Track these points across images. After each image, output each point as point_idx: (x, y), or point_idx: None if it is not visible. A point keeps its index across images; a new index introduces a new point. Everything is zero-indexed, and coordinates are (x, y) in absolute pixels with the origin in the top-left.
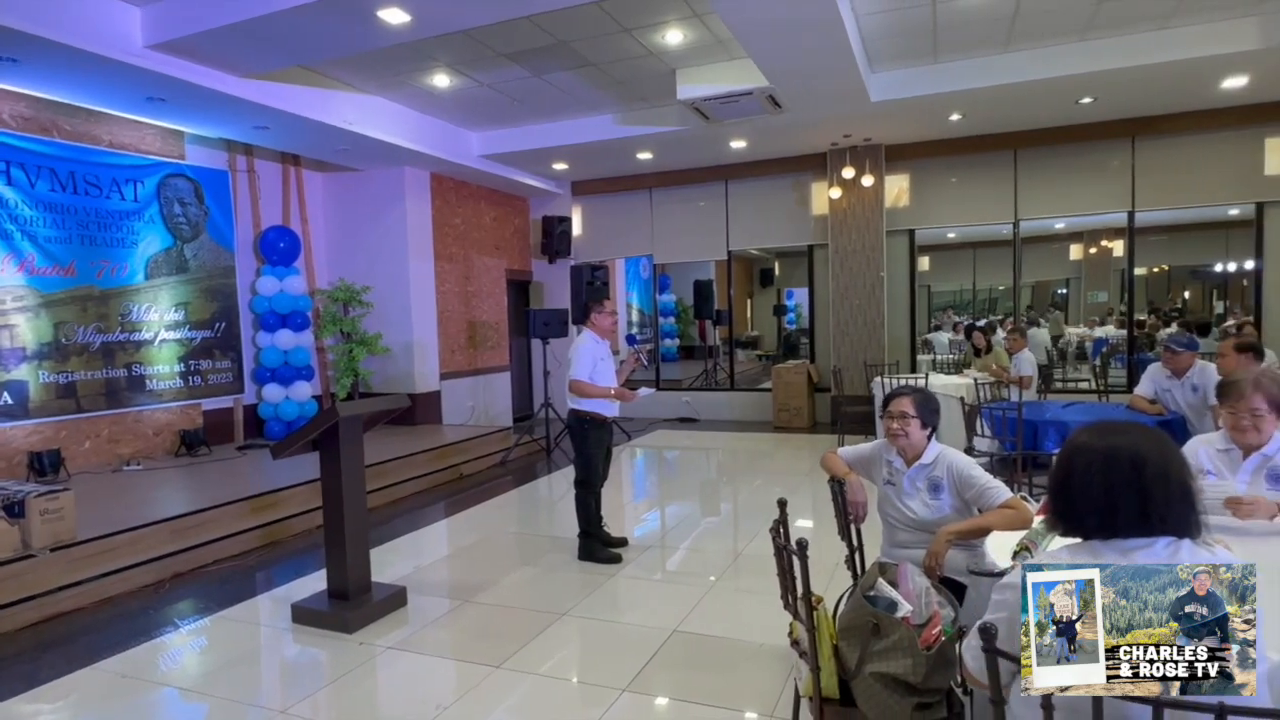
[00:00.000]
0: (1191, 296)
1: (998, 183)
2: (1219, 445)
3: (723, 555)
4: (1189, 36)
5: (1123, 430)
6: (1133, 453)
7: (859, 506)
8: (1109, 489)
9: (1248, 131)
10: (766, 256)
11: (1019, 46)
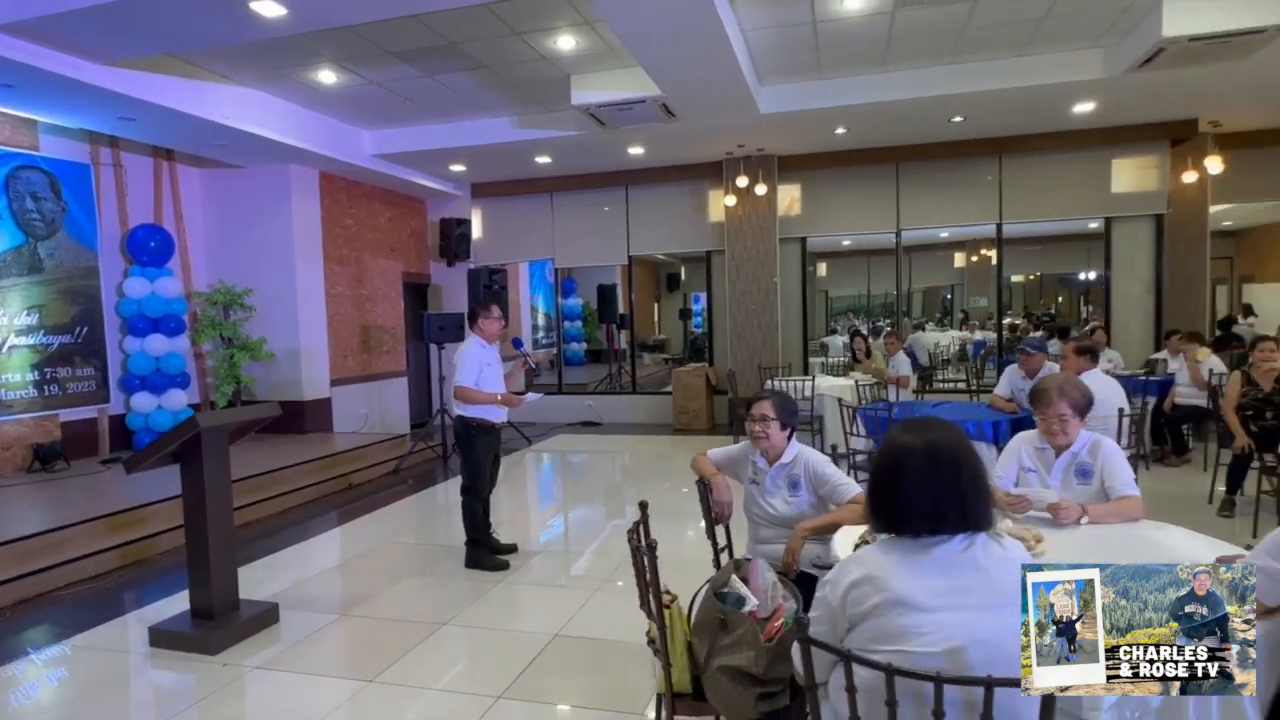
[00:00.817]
0: (1064, 302)
1: (881, 194)
2: (1036, 444)
3: (612, 559)
4: (1044, 64)
5: (933, 427)
6: (951, 452)
7: (724, 506)
8: (935, 489)
9: (1097, 153)
10: (673, 261)
11: (895, 67)
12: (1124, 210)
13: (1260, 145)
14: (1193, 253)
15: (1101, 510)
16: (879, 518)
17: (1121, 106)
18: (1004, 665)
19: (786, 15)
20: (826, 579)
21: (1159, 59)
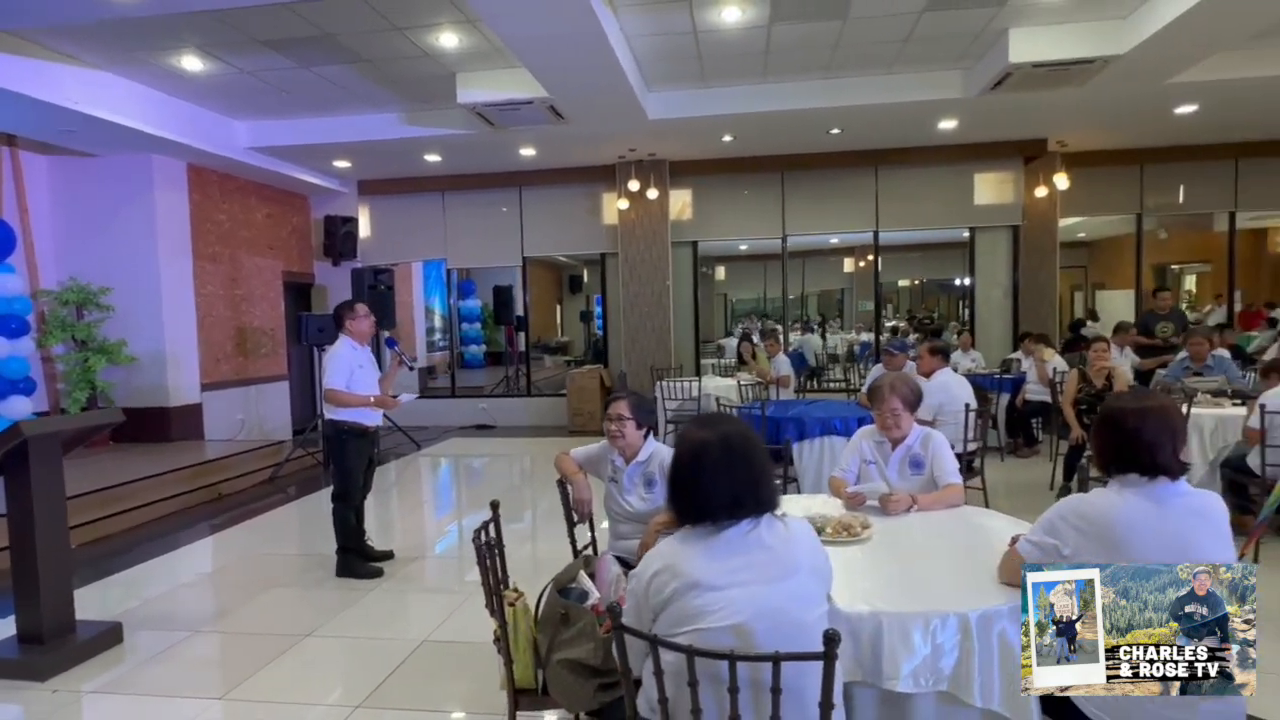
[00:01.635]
0: (944, 305)
1: (768, 201)
2: (875, 438)
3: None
4: (910, 82)
5: (723, 421)
6: (743, 443)
7: (583, 504)
8: (733, 478)
9: (961, 167)
10: (574, 263)
11: (776, 79)
12: (985, 221)
13: (1100, 164)
14: (1045, 262)
15: (928, 499)
16: (683, 512)
17: (980, 125)
18: (787, 629)
19: (668, 24)
20: (634, 572)
21: (1008, 82)
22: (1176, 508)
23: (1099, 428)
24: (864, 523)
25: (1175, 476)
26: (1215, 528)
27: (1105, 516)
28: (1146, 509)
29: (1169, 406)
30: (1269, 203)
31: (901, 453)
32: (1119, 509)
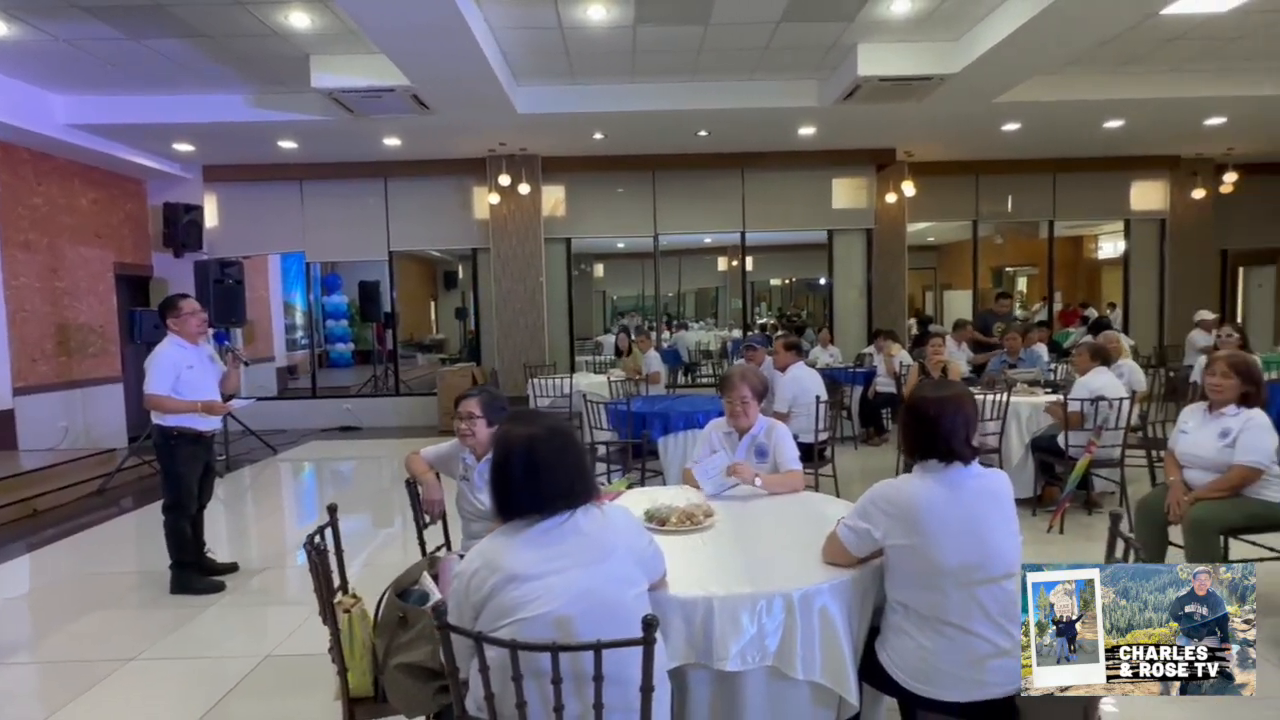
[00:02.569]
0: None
1: (640, 199)
2: (724, 429)
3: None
4: (771, 89)
5: (539, 418)
6: (559, 439)
7: (433, 504)
8: (551, 472)
9: (820, 172)
10: (449, 259)
11: (644, 79)
12: (842, 224)
13: (942, 174)
14: (895, 264)
15: (772, 479)
16: (502, 507)
17: (836, 133)
18: (605, 609)
19: (534, 18)
20: (456, 571)
21: (858, 94)
22: (970, 490)
23: (904, 418)
24: (707, 511)
25: (968, 461)
26: (1002, 505)
27: (908, 501)
28: (943, 493)
29: (963, 397)
30: (1080, 213)
31: (748, 442)
32: (920, 493)
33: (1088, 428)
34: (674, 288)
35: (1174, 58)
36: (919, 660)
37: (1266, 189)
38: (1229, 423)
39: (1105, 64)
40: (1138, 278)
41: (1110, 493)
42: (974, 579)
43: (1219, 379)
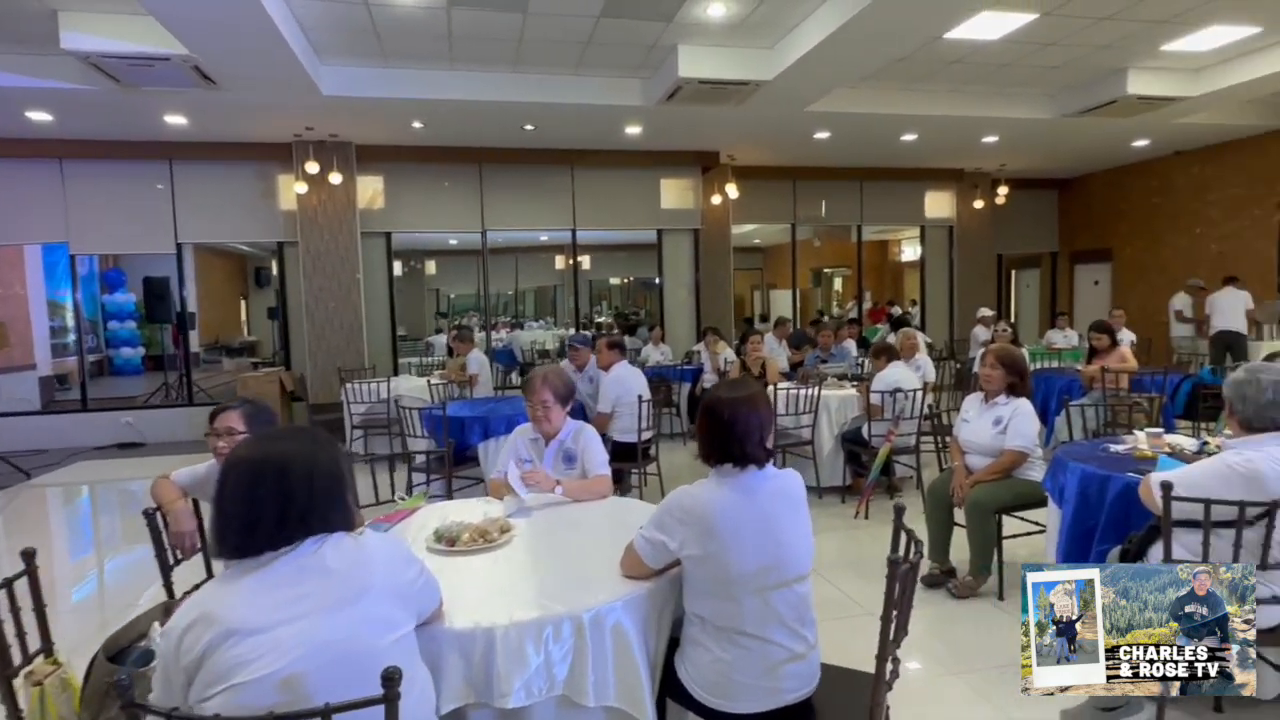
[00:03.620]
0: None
1: (466, 194)
2: (530, 435)
3: (86, 622)
4: (595, 85)
5: (281, 438)
6: (289, 461)
7: (184, 537)
8: (279, 500)
9: (649, 172)
10: (262, 253)
11: (464, 67)
12: (670, 224)
13: (763, 178)
14: (721, 264)
15: (574, 485)
16: (223, 544)
17: (663, 134)
18: (349, 665)
19: None
20: (163, 630)
21: (680, 95)
22: (764, 492)
23: (700, 420)
24: (504, 526)
25: (763, 463)
26: (796, 506)
27: (703, 508)
28: (737, 498)
29: (757, 398)
30: (884, 219)
31: (555, 447)
32: (715, 500)
33: (887, 418)
34: (511, 285)
35: (955, 79)
36: (716, 674)
37: (1033, 201)
38: (1001, 411)
39: (900, 80)
40: (931, 279)
41: (909, 477)
42: (769, 584)
43: (988, 370)
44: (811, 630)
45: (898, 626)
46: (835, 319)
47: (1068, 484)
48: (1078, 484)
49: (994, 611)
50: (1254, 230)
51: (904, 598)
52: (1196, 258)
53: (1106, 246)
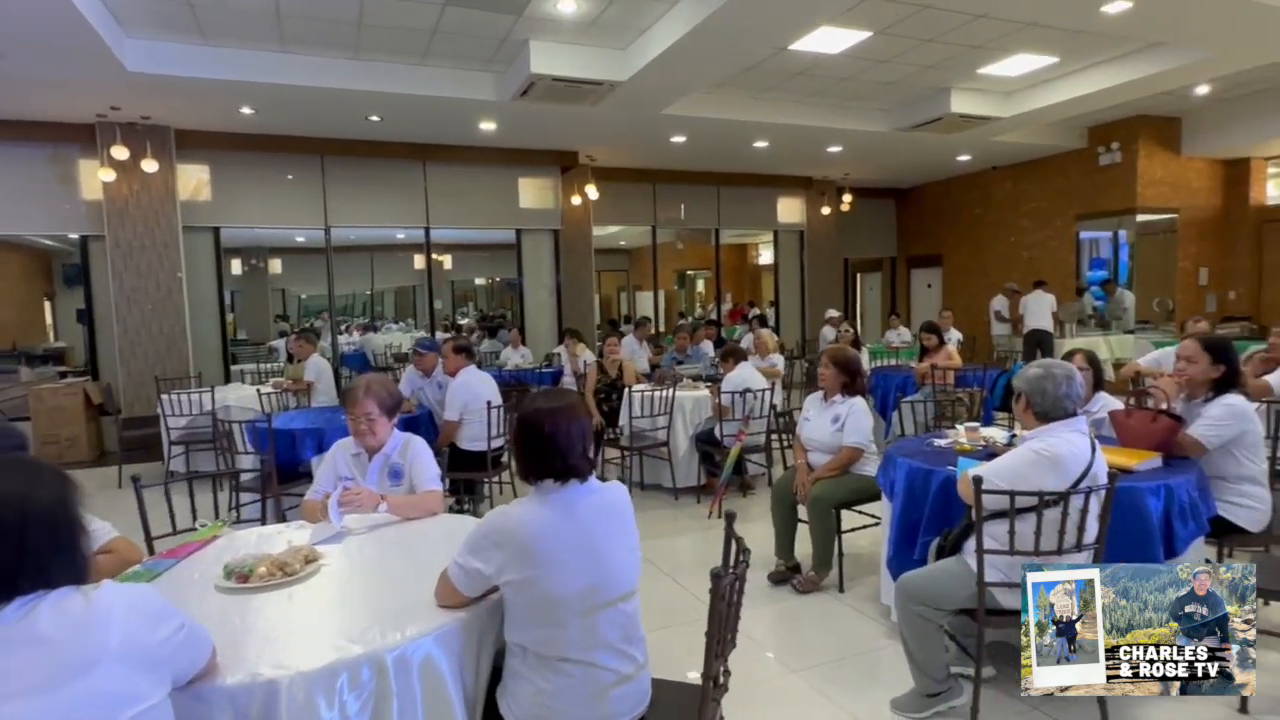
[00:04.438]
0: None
1: (307, 187)
2: (353, 450)
3: None
4: (445, 77)
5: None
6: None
7: None
8: None
9: (507, 170)
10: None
11: (297, 50)
12: (530, 225)
13: (623, 180)
14: (583, 265)
15: (401, 501)
16: None
17: (519, 131)
18: None
19: None
20: None
21: (534, 91)
22: (587, 507)
23: (516, 435)
24: (308, 556)
25: (585, 476)
26: (622, 520)
27: (520, 529)
28: (558, 517)
29: (576, 407)
30: (740, 223)
31: (380, 462)
32: (533, 521)
33: (737, 418)
34: (367, 285)
35: (801, 90)
36: (538, 706)
37: (874, 209)
38: (838, 409)
39: (751, 89)
40: (784, 281)
41: (761, 475)
42: (594, 604)
43: (823, 370)
44: (640, 649)
45: (723, 640)
46: (695, 320)
47: (896, 479)
48: (905, 478)
49: (836, 604)
50: (1057, 239)
51: (730, 610)
52: (1012, 263)
53: (938, 252)
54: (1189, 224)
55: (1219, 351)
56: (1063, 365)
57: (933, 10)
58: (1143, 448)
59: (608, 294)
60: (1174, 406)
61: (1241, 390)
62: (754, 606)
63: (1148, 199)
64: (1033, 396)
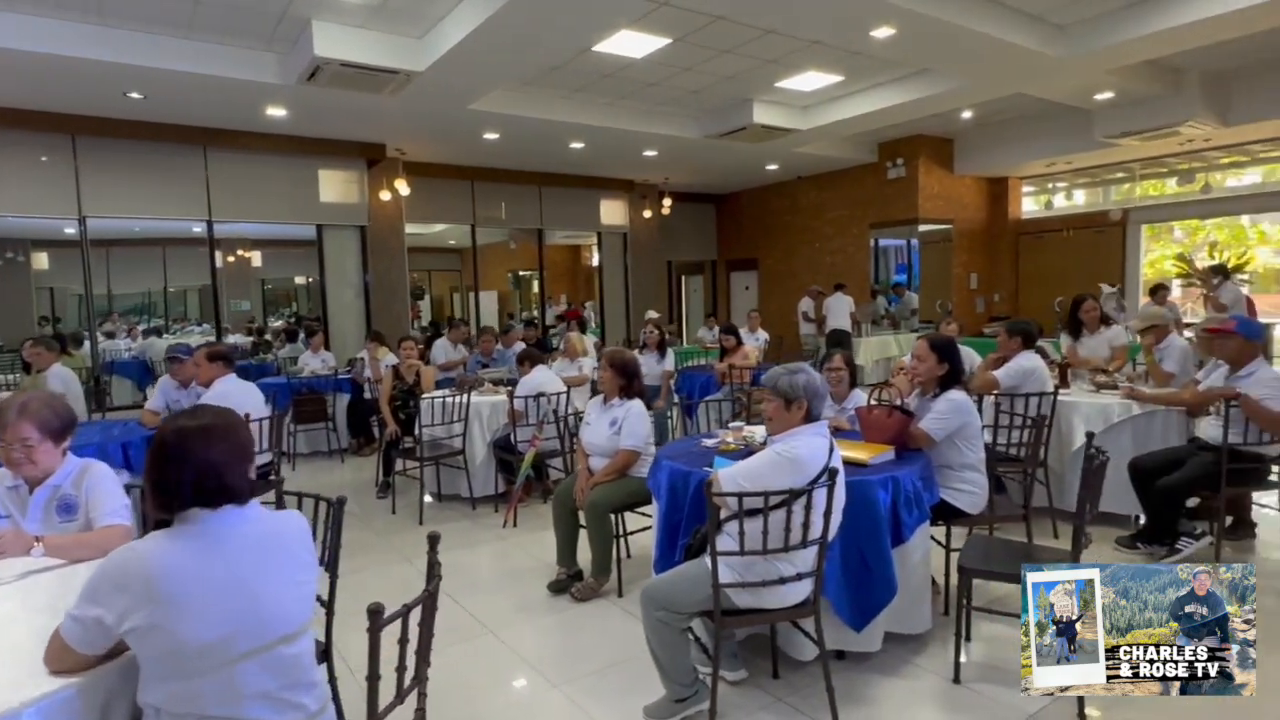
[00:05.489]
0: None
1: (57, 170)
2: (9, 482)
3: None
4: (218, 53)
5: None
6: None
7: None
8: None
9: (305, 161)
10: None
11: (26, 9)
12: (332, 220)
13: (440, 176)
14: (395, 264)
15: (64, 542)
16: None
17: (314, 119)
18: None
19: None
20: None
21: (322, 76)
22: (241, 538)
23: (151, 459)
24: None
25: (244, 501)
26: (290, 550)
27: (145, 565)
28: (198, 550)
29: (230, 427)
30: (564, 224)
31: (45, 495)
32: (162, 555)
33: (531, 423)
34: (157, 283)
35: (612, 93)
36: None
37: (696, 213)
38: (616, 413)
39: (562, 89)
40: (610, 282)
41: (560, 480)
42: (243, 650)
43: (603, 373)
44: (313, 694)
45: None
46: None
47: (661, 481)
48: (667, 480)
49: (613, 610)
50: (854, 245)
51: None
52: (817, 267)
53: (754, 256)
54: (961, 234)
55: (944, 351)
56: (803, 370)
57: (725, 21)
58: (882, 441)
59: (440, 294)
60: (908, 402)
61: (963, 386)
62: (530, 619)
63: (928, 211)
64: (784, 394)
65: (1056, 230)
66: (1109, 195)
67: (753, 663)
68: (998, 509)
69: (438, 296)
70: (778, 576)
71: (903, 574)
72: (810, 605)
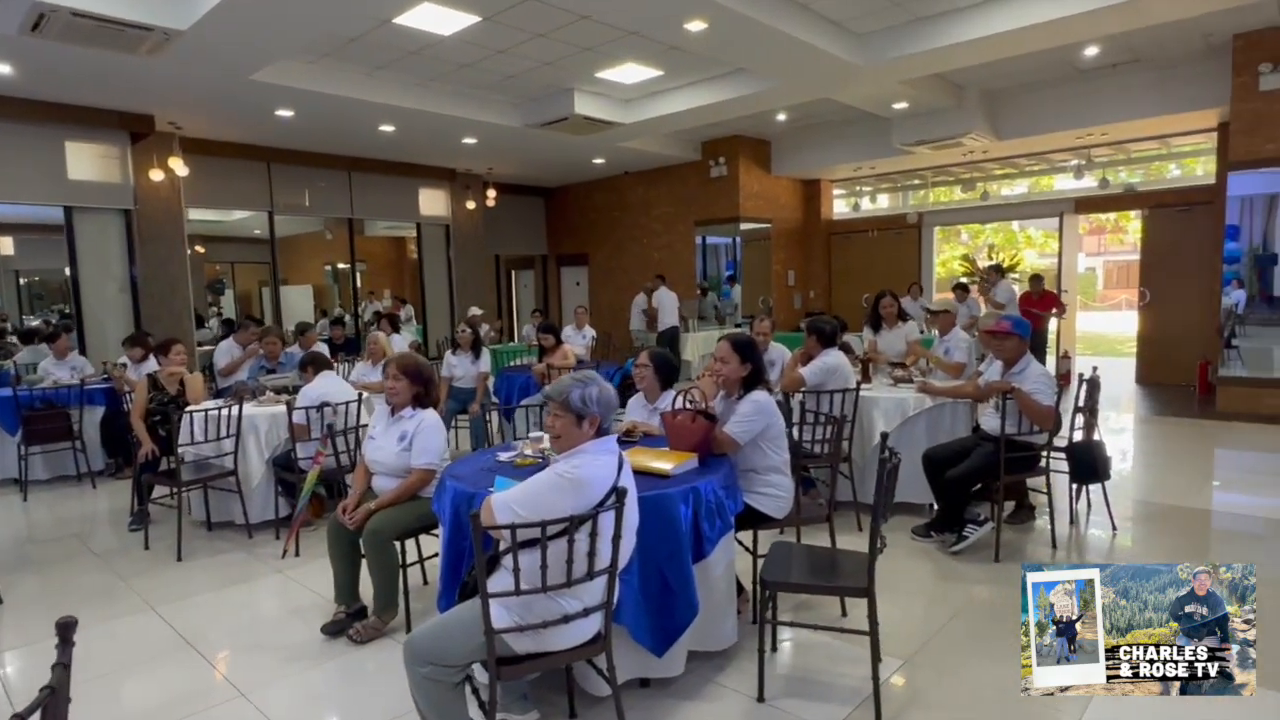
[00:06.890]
0: None
1: None
2: None
3: None
4: None
5: None
6: None
7: None
8: None
9: (49, 130)
10: None
11: None
12: (85, 201)
13: (229, 156)
14: (174, 254)
15: None
16: None
17: (55, 80)
18: None
19: None
20: None
21: (49, 27)
22: None
23: None
24: None
25: None
26: None
27: None
28: None
29: None
30: (377, 213)
31: None
32: None
33: (315, 437)
34: None
35: (422, 73)
36: None
37: (524, 206)
38: (406, 425)
39: (364, 65)
40: (431, 276)
41: None
42: None
43: (391, 382)
44: None
45: None
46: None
47: (445, 504)
48: (451, 503)
49: (399, 652)
50: (681, 242)
51: None
52: (646, 263)
53: (584, 251)
54: (780, 233)
55: (746, 351)
56: (594, 379)
57: (536, 3)
58: (687, 447)
59: (246, 289)
60: (713, 406)
61: (765, 386)
62: (296, 673)
63: (748, 210)
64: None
65: (863, 231)
66: (907, 199)
67: (547, 699)
68: (804, 509)
69: (244, 291)
70: (561, 615)
71: (705, 590)
72: (601, 642)
